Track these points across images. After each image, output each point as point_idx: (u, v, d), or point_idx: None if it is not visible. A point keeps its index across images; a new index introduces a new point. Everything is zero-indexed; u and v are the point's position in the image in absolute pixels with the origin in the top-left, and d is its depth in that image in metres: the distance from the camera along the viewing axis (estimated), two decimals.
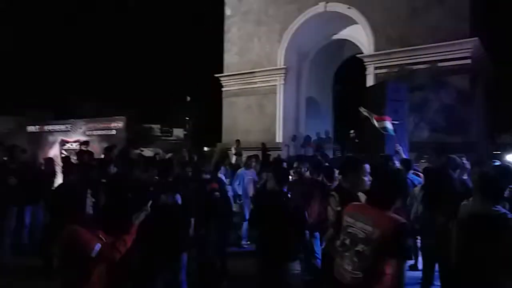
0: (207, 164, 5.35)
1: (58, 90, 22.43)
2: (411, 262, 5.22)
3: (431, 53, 11.45)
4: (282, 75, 14.78)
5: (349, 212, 2.63)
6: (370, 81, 12.63)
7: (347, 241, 2.52)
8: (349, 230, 2.53)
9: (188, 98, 23.97)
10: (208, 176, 4.92)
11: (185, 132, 23.56)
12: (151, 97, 24.46)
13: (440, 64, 11.21)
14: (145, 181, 4.27)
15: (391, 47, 12.19)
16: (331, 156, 12.23)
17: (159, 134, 22.33)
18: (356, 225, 2.49)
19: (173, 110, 23.67)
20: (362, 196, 3.00)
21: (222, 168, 6.24)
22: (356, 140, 12.08)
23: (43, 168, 6.99)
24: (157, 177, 4.21)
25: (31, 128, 12.54)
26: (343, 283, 2.48)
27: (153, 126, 21.98)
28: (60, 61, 24.01)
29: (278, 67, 14.78)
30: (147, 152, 12.48)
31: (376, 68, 12.65)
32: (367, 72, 12.89)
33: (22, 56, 22.71)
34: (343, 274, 2.50)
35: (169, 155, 10.80)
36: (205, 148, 18.78)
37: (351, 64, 15.56)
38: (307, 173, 5.34)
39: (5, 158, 6.31)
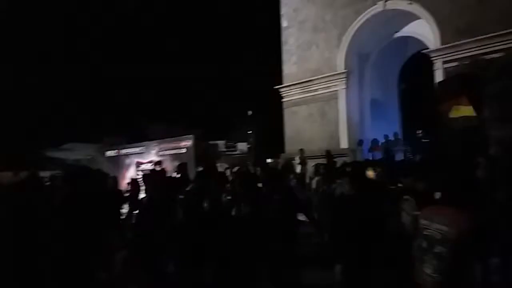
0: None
1: (129, 115, 24.08)
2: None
3: (504, 40, 10.49)
4: (343, 79, 14.46)
5: (424, 213, 2.58)
6: (439, 77, 11.87)
7: (424, 244, 2.45)
8: (425, 233, 2.47)
9: (250, 112, 24.40)
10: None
11: (248, 146, 23.95)
12: (215, 114, 25.26)
13: None
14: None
15: (460, 39, 11.37)
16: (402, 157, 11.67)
17: (224, 149, 22.94)
18: (431, 226, 2.43)
19: (236, 125, 24.23)
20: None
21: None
22: (424, 140, 11.46)
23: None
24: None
25: (109, 153, 13.51)
26: (426, 287, 2.40)
27: (218, 142, 22.65)
28: (127, 86, 25.76)
29: (338, 72, 14.49)
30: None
31: (444, 62, 11.86)
32: (435, 68, 12.13)
33: (96, 86, 24.72)
34: (425, 278, 2.42)
35: (235, 169, 10.97)
36: (269, 160, 18.86)
37: (417, 61, 14.82)
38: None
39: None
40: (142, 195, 6.55)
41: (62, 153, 17.93)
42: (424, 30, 12.59)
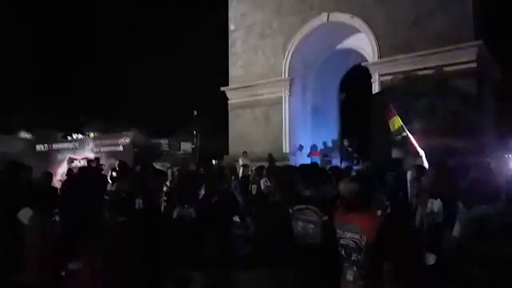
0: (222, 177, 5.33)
1: (65, 109, 22.76)
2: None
3: (436, 59, 11.42)
4: (287, 85, 14.82)
5: (336, 222, 2.67)
6: (375, 88, 12.61)
7: (343, 252, 2.56)
8: (341, 242, 2.57)
9: (195, 112, 24.08)
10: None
11: (192, 146, 23.62)
12: (158, 113, 24.66)
13: (445, 69, 11.17)
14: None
15: (396, 54, 12.19)
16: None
17: (167, 149, 22.44)
18: (345, 235, 2.54)
19: (180, 124, 23.80)
20: None
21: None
22: (349, 149, 12.18)
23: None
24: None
25: (39, 147, 12.69)
26: None
27: (161, 141, 22.11)
28: (66, 78, 24.38)
29: (283, 78, 14.83)
30: (156, 167, 12.52)
31: (381, 75, 12.64)
32: (372, 80, 12.89)
33: (28, 74, 23.10)
34: (348, 286, 2.52)
35: (176, 168, 10.83)
36: (213, 161, 18.78)
37: (356, 73, 15.58)
38: None
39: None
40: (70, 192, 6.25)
41: None
42: (364, 43, 13.31)
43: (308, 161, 12.60)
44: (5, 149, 15.72)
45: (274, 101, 15.03)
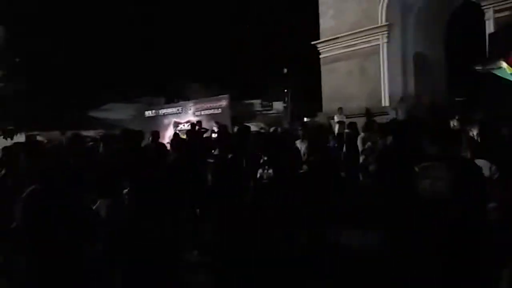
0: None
1: (164, 75, 24.22)
2: None
3: None
4: (385, 33, 13.67)
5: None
6: (490, 28, 10.94)
7: None
8: None
9: (285, 70, 23.87)
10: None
11: (284, 105, 23.66)
12: (250, 74, 24.93)
13: None
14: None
15: None
16: None
17: (260, 109, 22.81)
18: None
19: (271, 83, 23.86)
20: None
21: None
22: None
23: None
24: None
25: (148, 113, 13.79)
26: None
27: (253, 101, 22.52)
28: (161, 46, 25.73)
29: (380, 25, 13.69)
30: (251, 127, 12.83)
31: (496, 11, 10.87)
32: (486, 18, 11.17)
33: (130, 45, 24.84)
34: None
35: (272, 128, 10.90)
36: (306, 119, 18.62)
37: (465, 12, 13.70)
38: None
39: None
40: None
41: (103, 113, 18.51)
42: None
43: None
44: (119, 116, 17.53)
45: (370, 51, 14.03)
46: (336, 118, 13.22)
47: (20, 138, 13.38)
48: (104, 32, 23.32)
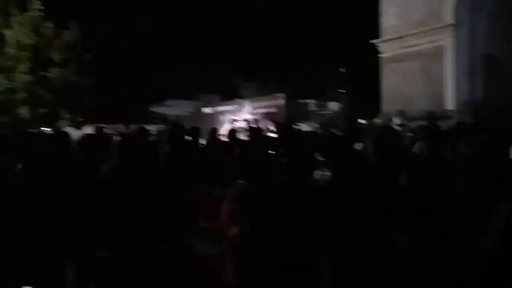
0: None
1: (221, 73, 24.74)
2: None
3: None
4: (452, 32, 12.94)
5: None
6: None
7: None
8: None
9: (342, 70, 23.40)
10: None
11: (340, 105, 23.18)
12: (305, 73, 24.75)
13: None
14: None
15: None
16: None
17: (315, 109, 22.52)
18: None
19: (327, 83, 23.51)
20: None
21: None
22: None
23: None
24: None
25: (206, 110, 14.19)
26: None
27: (308, 101, 22.29)
28: (218, 45, 26.28)
29: (446, 23, 12.98)
30: (305, 127, 12.77)
31: None
32: None
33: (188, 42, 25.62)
34: None
35: (328, 129, 10.77)
36: (361, 121, 18.11)
37: None
38: None
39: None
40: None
41: (163, 109, 19.33)
42: None
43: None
44: (177, 112, 18.24)
45: (435, 51, 13.35)
46: (396, 121, 12.73)
47: (87, 129, 14.36)
48: (163, 32, 24.33)
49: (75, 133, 11.54)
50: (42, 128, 13.34)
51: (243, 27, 26.92)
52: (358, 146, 6.50)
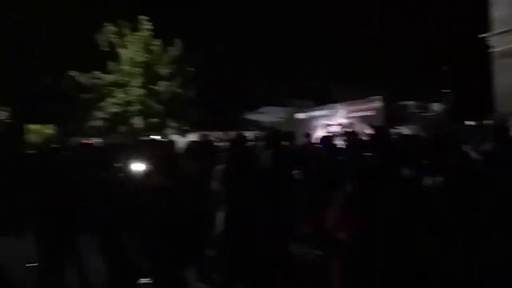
0: None
1: (314, 78, 24.68)
2: None
3: None
4: None
5: None
6: None
7: None
8: None
9: (445, 68, 21.60)
10: None
11: (443, 106, 21.41)
12: (403, 73, 23.44)
13: None
14: None
15: None
16: None
17: (416, 110, 21.15)
18: None
19: (428, 83, 21.93)
20: None
21: None
22: None
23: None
24: None
25: (299, 116, 14.31)
26: None
27: (408, 103, 21.03)
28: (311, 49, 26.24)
29: None
30: (405, 131, 12.10)
31: None
32: None
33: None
34: None
35: (433, 132, 10.11)
36: (469, 122, 16.57)
37: None
38: None
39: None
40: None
41: (258, 116, 19.95)
42: None
43: None
44: (271, 118, 18.68)
45: None
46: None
47: (191, 137, 15.50)
48: (252, 42, 25.14)
49: (181, 140, 12.60)
50: (152, 136, 14.80)
51: (335, 31, 26.56)
52: (466, 148, 6.02)
